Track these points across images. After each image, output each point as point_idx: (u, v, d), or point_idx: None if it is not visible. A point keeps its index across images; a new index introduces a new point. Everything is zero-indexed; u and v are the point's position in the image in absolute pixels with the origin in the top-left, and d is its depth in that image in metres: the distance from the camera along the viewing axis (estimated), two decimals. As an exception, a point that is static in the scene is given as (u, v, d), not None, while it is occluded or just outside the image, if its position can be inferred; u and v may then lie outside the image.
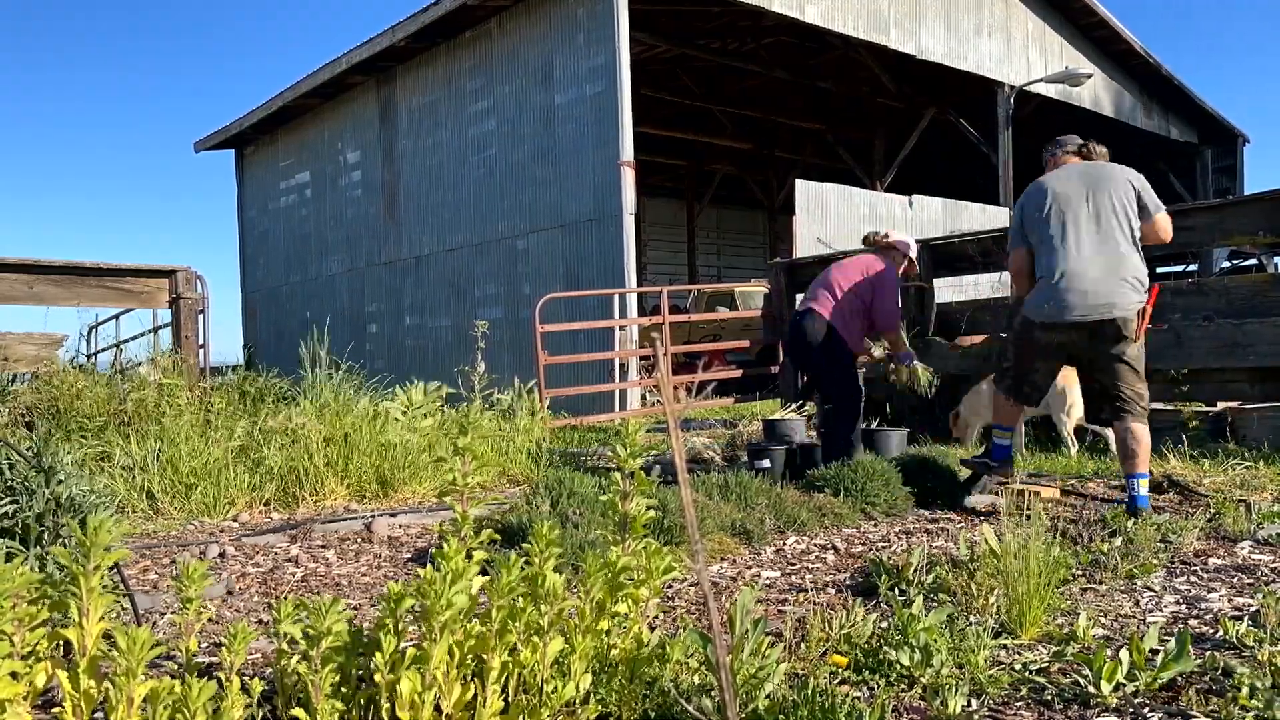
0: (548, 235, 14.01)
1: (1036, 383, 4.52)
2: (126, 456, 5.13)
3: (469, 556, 1.94)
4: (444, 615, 1.68)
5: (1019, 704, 2.13)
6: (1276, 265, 16.83)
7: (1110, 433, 5.71)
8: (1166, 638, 2.42)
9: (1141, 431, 4.19)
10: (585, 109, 13.15)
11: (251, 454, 5.49)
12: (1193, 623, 2.69)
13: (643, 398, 12.54)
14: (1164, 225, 4.27)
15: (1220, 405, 6.45)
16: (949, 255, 8.20)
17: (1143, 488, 4.15)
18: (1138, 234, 4.23)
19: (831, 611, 2.69)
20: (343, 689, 1.81)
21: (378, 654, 1.73)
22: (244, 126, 20.30)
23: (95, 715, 1.68)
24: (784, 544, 3.98)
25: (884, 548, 3.86)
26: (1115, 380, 4.22)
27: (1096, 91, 19.61)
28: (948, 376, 7.51)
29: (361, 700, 1.81)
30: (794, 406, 7.69)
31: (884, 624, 2.51)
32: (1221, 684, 2.16)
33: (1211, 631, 2.58)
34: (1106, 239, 4.18)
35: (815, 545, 3.96)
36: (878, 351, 5.82)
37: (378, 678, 1.75)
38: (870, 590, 3.10)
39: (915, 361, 5.58)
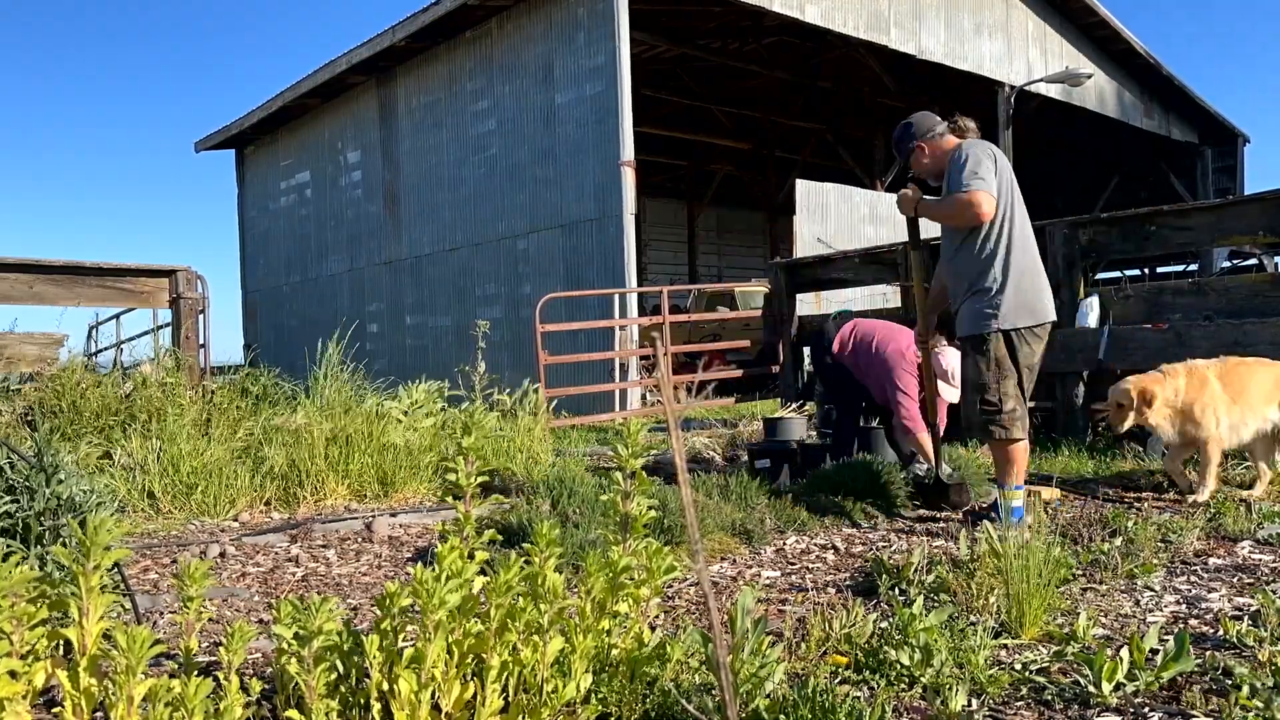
0: (548, 235, 14.01)
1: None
2: (127, 456, 5.14)
3: (471, 556, 1.94)
4: (437, 614, 1.68)
5: (1019, 704, 2.13)
6: (1277, 265, 16.83)
7: None
8: (1167, 637, 2.42)
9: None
10: (585, 109, 13.15)
11: (253, 453, 5.49)
12: (1193, 622, 2.69)
13: (643, 398, 12.54)
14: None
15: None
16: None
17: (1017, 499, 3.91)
18: None
19: (832, 611, 2.69)
20: (341, 688, 1.80)
21: (369, 653, 1.73)
22: (244, 126, 20.31)
23: (95, 714, 1.68)
24: (784, 543, 3.98)
25: (884, 547, 3.86)
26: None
27: (1097, 91, 19.60)
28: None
29: (361, 700, 1.80)
30: (794, 406, 7.69)
31: (884, 624, 2.51)
32: (1222, 684, 2.16)
33: (1212, 631, 2.58)
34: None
35: (815, 545, 3.96)
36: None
37: (375, 676, 1.75)
38: (870, 590, 3.10)
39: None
